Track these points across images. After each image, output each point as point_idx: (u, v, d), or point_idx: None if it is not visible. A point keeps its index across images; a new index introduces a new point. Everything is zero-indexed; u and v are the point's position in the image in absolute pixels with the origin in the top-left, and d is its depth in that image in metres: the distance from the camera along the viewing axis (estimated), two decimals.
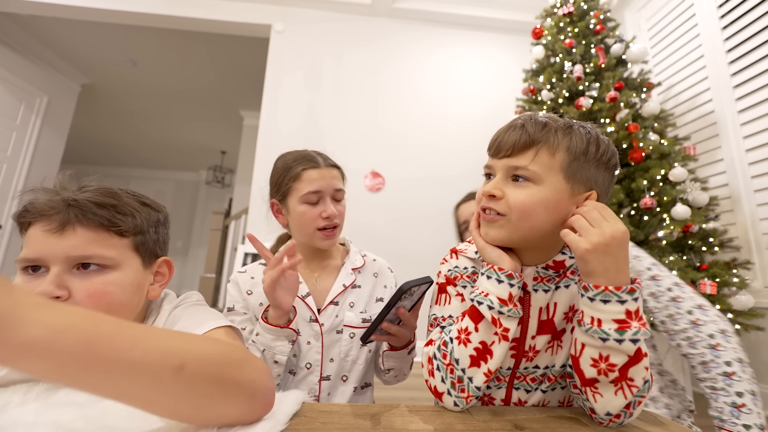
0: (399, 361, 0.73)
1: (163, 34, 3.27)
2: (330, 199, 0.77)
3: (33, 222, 0.45)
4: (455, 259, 0.62)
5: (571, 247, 0.46)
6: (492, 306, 0.48)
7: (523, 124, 0.51)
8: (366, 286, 0.82)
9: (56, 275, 0.44)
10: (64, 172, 0.49)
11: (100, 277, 0.46)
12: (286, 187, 0.77)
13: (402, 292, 0.56)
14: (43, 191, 0.47)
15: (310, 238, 0.77)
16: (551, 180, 0.49)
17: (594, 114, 1.97)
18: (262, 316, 0.65)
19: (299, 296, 0.76)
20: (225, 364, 0.35)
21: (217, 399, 0.34)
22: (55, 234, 0.44)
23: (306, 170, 0.75)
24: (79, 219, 0.45)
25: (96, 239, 0.46)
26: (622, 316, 0.44)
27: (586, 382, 0.46)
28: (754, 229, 1.89)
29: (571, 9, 2.20)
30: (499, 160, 0.52)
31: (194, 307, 0.55)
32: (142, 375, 0.30)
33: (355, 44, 2.99)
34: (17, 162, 3.30)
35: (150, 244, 0.53)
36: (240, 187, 4.61)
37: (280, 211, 0.80)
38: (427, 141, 2.91)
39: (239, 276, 0.79)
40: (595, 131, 0.52)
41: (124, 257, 0.49)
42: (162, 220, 0.56)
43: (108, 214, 0.47)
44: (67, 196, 0.46)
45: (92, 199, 0.46)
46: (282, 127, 2.82)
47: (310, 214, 0.75)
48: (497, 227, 0.51)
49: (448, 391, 0.49)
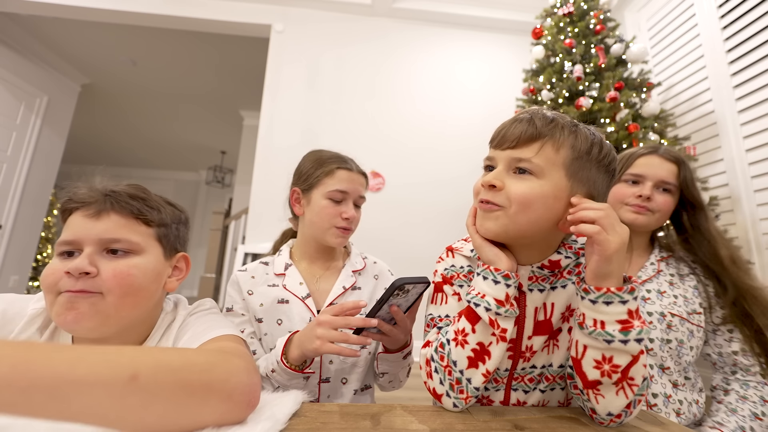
0: (393, 365, 0.72)
1: (163, 34, 3.27)
2: (352, 203, 0.79)
3: (74, 210, 0.52)
4: (451, 257, 0.62)
5: (600, 246, 0.43)
6: (489, 308, 0.48)
7: (530, 118, 0.50)
8: (366, 288, 0.82)
9: (89, 254, 0.49)
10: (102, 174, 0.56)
11: (125, 260, 0.51)
12: (315, 179, 0.79)
13: (395, 288, 0.54)
14: (85, 185, 0.53)
15: (323, 232, 0.78)
16: (553, 175, 0.48)
17: (594, 114, 1.97)
18: (282, 358, 0.63)
19: (299, 297, 0.75)
20: (186, 369, 0.35)
21: (184, 404, 0.34)
22: (92, 218, 0.50)
23: (340, 169, 0.79)
24: (114, 207, 0.51)
25: (126, 225, 0.52)
26: (624, 316, 0.44)
27: (589, 385, 0.46)
28: (754, 229, 1.89)
29: (571, 9, 2.20)
30: (502, 152, 0.51)
31: (205, 315, 0.57)
32: (91, 390, 0.30)
33: (354, 44, 2.99)
34: (17, 162, 3.29)
35: (171, 238, 0.58)
36: (240, 187, 4.61)
37: (299, 200, 0.82)
38: (426, 141, 2.91)
39: (240, 275, 0.78)
40: (599, 134, 0.51)
41: (148, 245, 0.54)
42: (183, 220, 0.62)
43: (138, 205, 0.53)
44: (106, 188, 0.53)
45: (126, 191, 0.53)
46: (282, 126, 2.82)
47: (330, 211, 0.77)
48: (494, 219, 0.50)
49: (446, 392, 0.49)
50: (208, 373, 0.36)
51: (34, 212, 3.49)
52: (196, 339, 0.50)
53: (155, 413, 0.33)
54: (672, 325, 0.79)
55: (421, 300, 0.63)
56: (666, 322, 0.79)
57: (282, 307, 0.75)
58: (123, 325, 0.51)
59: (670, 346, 0.78)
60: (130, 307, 0.50)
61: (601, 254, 0.44)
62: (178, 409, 0.34)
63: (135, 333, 0.54)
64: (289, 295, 0.76)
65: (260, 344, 0.74)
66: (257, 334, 0.75)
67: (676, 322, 0.79)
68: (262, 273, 0.79)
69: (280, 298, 0.75)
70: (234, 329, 0.54)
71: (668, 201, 0.85)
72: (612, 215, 0.45)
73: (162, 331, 0.56)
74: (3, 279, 3.22)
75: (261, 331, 0.75)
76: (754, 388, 0.76)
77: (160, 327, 0.56)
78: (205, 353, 0.40)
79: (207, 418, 0.35)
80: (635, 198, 0.85)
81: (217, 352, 0.42)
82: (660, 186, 0.85)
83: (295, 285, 0.77)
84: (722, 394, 0.79)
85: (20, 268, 3.42)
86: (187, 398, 0.34)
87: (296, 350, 0.62)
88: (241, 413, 0.38)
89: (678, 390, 0.78)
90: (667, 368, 0.78)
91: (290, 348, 0.63)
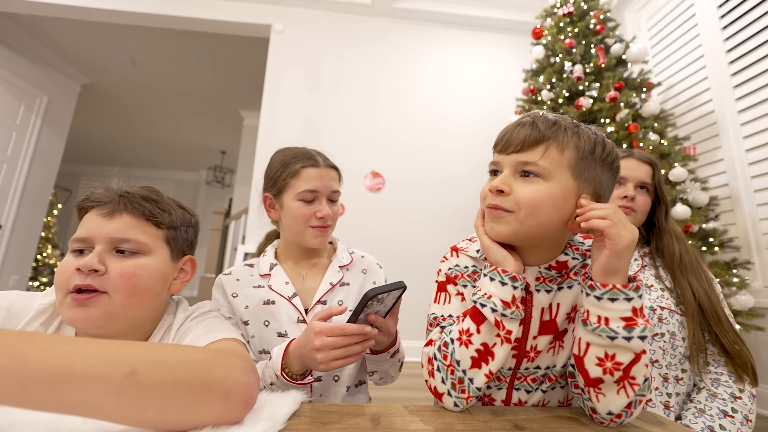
0: (381, 364, 0.71)
1: (163, 34, 3.27)
2: (325, 199, 0.77)
3: (90, 208, 0.53)
4: (456, 257, 0.62)
5: (612, 240, 0.44)
6: (495, 309, 0.48)
7: (533, 121, 0.51)
8: (355, 284, 0.80)
9: (99, 252, 0.50)
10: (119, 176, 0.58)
11: (133, 261, 0.52)
12: (282, 183, 0.76)
13: (367, 299, 0.53)
14: (102, 186, 0.55)
15: (301, 235, 0.76)
16: (560, 177, 0.49)
17: (594, 114, 1.97)
18: (282, 372, 0.60)
19: (285, 297, 0.74)
20: (185, 366, 0.36)
21: (183, 402, 0.34)
22: (105, 217, 0.52)
23: (305, 168, 0.75)
24: (127, 207, 0.53)
25: (137, 225, 0.53)
26: (629, 313, 0.44)
27: (591, 383, 0.46)
28: (754, 229, 1.89)
29: (571, 9, 2.20)
30: (507, 156, 0.52)
31: (205, 319, 0.57)
32: (88, 383, 0.30)
33: (355, 44, 2.99)
34: (17, 162, 3.29)
35: (180, 240, 0.59)
36: (240, 187, 4.61)
37: (273, 205, 0.80)
38: (426, 141, 2.91)
39: (224, 278, 0.77)
40: (601, 134, 0.52)
41: (157, 246, 0.55)
42: (193, 223, 0.63)
43: (150, 207, 0.55)
44: (121, 189, 0.55)
45: (140, 193, 0.55)
46: (282, 126, 2.82)
47: (304, 212, 0.74)
48: (504, 223, 0.50)
49: (448, 391, 0.49)
50: (206, 371, 0.36)
51: (34, 212, 3.50)
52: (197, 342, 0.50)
53: (152, 409, 0.33)
54: (663, 318, 0.81)
55: (401, 302, 0.62)
56: (657, 316, 0.82)
57: (268, 308, 0.74)
58: (128, 324, 0.52)
59: (663, 340, 0.80)
60: (136, 306, 0.51)
61: (613, 248, 0.44)
62: (175, 405, 0.34)
63: (138, 332, 0.55)
64: (275, 295, 0.74)
65: (248, 347, 0.72)
66: (245, 336, 0.74)
67: (666, 314, 0.82)
68: (247, 275, 0.78)
69: (266, 299, 0.74)
70: (234, 332, 0.54)
71: (647, 201, 0.91)
72: (620, 213, 0.46)
73: (162, 332, 0.56)
74: (3, 279, 3.22)
75: (248, 333, 0.73)
76: (725, 384, 0.78)
77: (161, 327, 0.57)
78: (203, 351, 0.40)
79: (204, 416, 0.35)
80: (620, 199, 0.89)
81: (215, 351, 0.42)
82: (639, 186, 0.91)
83: (281, 285, 0.75)
84: (695, 391, 0.81)
85: (20, 268, 3.42)
86: (185, 395, 0.34)
87: (297, 364, 0.60)
88: (239, 412, 0.38)
89: (668, 384, 0.79)
90: (656, 362, 0.80)
91: (289, 361, 0.60)
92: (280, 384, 0.60)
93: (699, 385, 0.81)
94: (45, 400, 0.29)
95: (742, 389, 0.76)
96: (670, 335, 0.80)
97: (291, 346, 0.61)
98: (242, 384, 0.39)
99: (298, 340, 0.60)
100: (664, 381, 0.79)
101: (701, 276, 0.84)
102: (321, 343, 0.55)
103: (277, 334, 0.72)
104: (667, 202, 0.93)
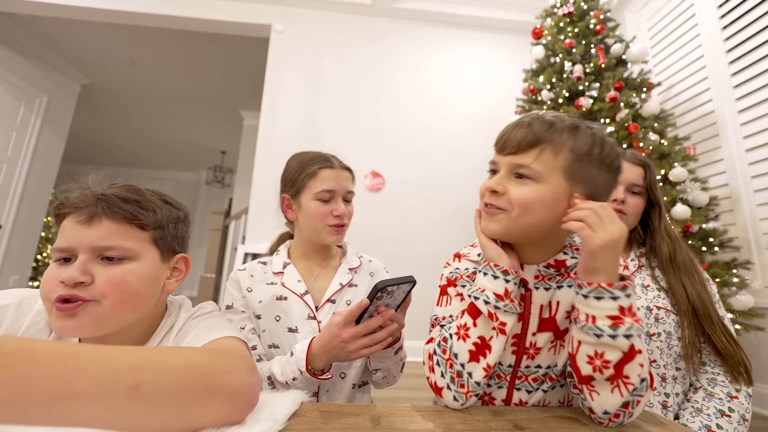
0: (384, 361, 0.74)
1: (163, 34, 3.27)
2: (341, 199, 0.81)
3: (67, 214, 0.50)
4: (458, 262, 0.64)
5: (584, 242, 0.46)
6: (488, 301, 0.50)
7: (530, 122, 0.52)
8: (362, 285, 0.84)
9: (82, 262, 0.47)
10: (97, 173, 0.54)
11: (120, 267, 0.49)
12: (301, 184, 0.80)
13: (377, 290, 0.56)
14: (77, 187, 0.51)
15: (318, 233, 0.80)
16: (552, 179, 0.50)
17: (594, 114, 1.97)
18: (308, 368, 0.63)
19: (297, 294, 0.77)
20: (190, 372, 0.35)
21: (188, 407, 0.34)
22: (84, 225, 0.48)
23: (322, 169, 0.80)
24: (106, 212, 0.49)
25: (119, 231, 0.50)
26: (615, 312, 0.45)
27: (583, 380, 0.47)
28: (754, 229, 1.89)
29: (571, 9, 2.20)
30: (504, 157, 0.54)
31: (206, 318, 0.57)
32: (91, 402, 0.29)
33: (354, 44, 2.99)
34: (17, 162, 3.29)
35: (168, 239, 0.56)
36: (240, 187, 4.61)
37: (290, 206, 0.84)
38: (427, 141, 2.91)
39: (239, 274, 0.80)
40: (602, 132, 0.52)
41: (144, 249, 0.52)
42: (182, 218, 0.59)
43: (131, 209, 0.51)
44: (97, 191, 0.50)
45: (118, 195, 0.51)
46: (282, 126, 2.82)
47: (322, 211, 0.78)
48: (497, 221, 0.53)
49: (447, 385, 0.50)
50: (210, 376, 0.36)
51: (33, 212, 3.49)
52: (198, 342, 0.50)
53: (158, 418, 0.33)
54: (659, 317, 0.82)
55: (411, 298, 0.65)
56: (653, 316, 0.82)
57: (280, 304, 0.77)
58: (123, 328, 0.51)
59: (660, 339, 0.81)
60: (128, 311, 0.49)
61: (585, 249, 0.47)
62: (181, 412, 0.34)
63: (136, 332, 0.54)
64: (287, 292, 0.78)
65: (259, 340, 0.76)
66: (257, 330, 0.77)
67: (662, 314, 0.82)
68: (261, 272, 0.81)
69: (279, 295, 0.77)
70: (234, 331, 0.54)
71: (639, 203, 0.90)
72: (602, 213, 0.46)
73: (164, 333, 0.56)
74: (3, 279, 3.22)
75: (260, 327, 0.76)
76: (722, 384, 0.78)
77: (163, 328, 0.56)
78: (206, 354, 0.40)
79: (209, 419, 0.35)
80: (611, 203, 0.88)
81: (217, 353, 0.42)
82: (630, 189, 0.90)
83: (294, 282, 0.79)
84: (692, 391, 0.81)
85: (20, 268, 3.42)
86: (191, 402, 0.34)
87: (321, 361, 0.63)
88: (242, 413, 0.38)
89: (666, 384, 0.80)
90: (653, 362, 0.80)
91: (313, 359, 0.64)
92: (303, 380, 0.63)
93: (696, 384, 0.81)
94: (45, 420, 0.28)
95: (739, 389, 0.76)
96: (666, 335, 0.81)
97: (314, 344, 0.64)
98: (246, 385, 0.39)
99: (320, 338, 0.63)
100: (662, 381, 0.80)
101: (695, 276, 0.84)
102: (348, 334, 0.60)
103: (288, 329, 0.75)
104: (661, 204, 0.92)
